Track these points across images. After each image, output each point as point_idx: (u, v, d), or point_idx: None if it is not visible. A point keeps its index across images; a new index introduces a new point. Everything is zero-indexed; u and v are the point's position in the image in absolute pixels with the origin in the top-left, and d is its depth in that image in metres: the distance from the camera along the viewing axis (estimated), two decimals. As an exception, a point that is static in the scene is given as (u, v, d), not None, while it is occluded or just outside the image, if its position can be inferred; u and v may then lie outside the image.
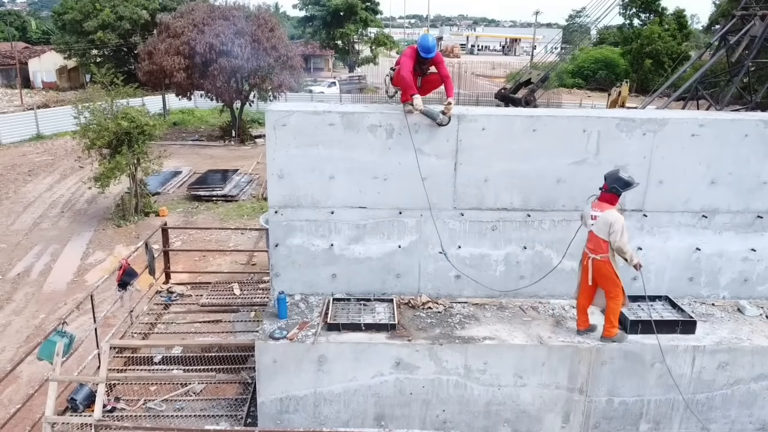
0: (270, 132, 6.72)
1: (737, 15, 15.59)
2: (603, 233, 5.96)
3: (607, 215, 5.95)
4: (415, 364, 6.36)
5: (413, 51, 6.64)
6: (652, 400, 6.52)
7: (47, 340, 6.96)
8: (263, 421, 6.51)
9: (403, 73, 6.48)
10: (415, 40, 78.00)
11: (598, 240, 6.04)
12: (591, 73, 60.16)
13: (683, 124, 6.78)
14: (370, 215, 7.02)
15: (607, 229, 5.92)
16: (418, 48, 6.59)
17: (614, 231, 5.87)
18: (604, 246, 6.01)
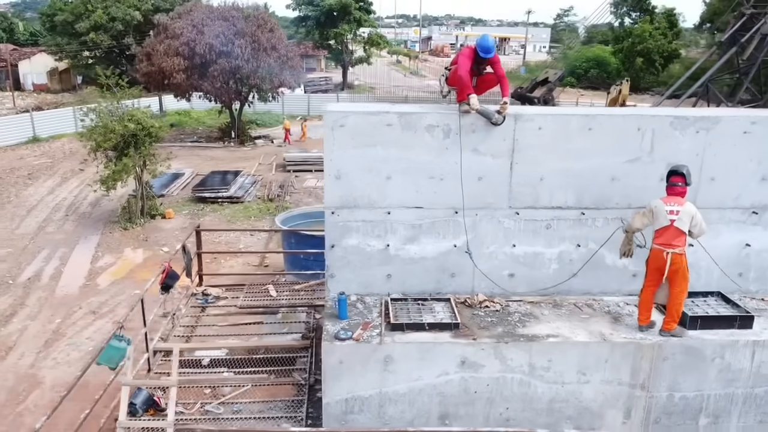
0: (328, 133, 6.73)
1: (747, 13, 15.81)
2: (685, 226, 6.12)
3: (688, 208, 6.16)
4: (480, 363, 6.40)
5: (471, 51, 6.68)
6: (711, 394, 6.61)
7: (108, 345, 6.91)
8: (328, 421, 6.52)
9: (461, 73, 6.53)
10: (404, 40, 78.59)
11: (679, 233, 6.18)
12: (583, 72, 60.62)
13: (735, 122, 6.89)
14: (426, 215, 7.05)
15: (689, 221, 6.08)
16: (477, 48, 6.63)
17: (698, 221, 6.14)
18: (684, 239, 6.15)
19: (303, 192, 26.44)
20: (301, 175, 28.85)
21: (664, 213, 6.23)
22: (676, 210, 6.20)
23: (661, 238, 6.29)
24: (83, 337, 14.39)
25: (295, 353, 8.35)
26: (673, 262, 6.18)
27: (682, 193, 6.25)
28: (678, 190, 6.30)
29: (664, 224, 6.22)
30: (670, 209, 6.22)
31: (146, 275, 17.95)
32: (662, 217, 6.25)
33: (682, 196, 6.25)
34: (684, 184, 6.25)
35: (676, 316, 6.41)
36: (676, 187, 6.28)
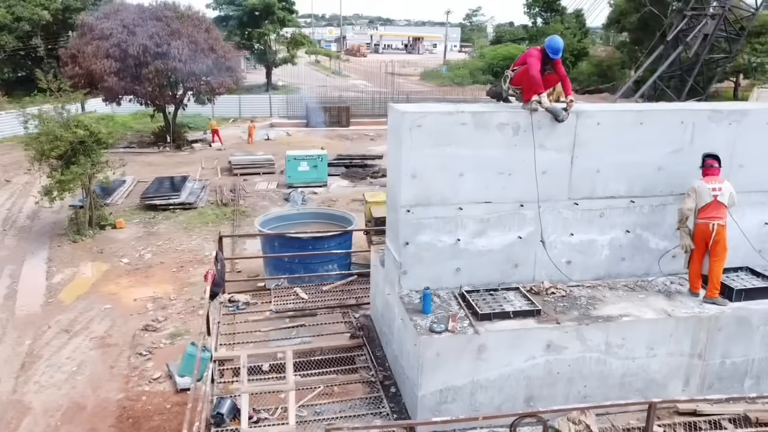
0: (405, 133, 6.90)
1: (688, 15, 17.35)
2: (726, 200, 7.12)
3: (727, 185, 7.21)
4: (564, 345, 6.82)
5: (540, 52, 7.11)
6: (756, 358, 7.40)
7: (188, 355, 6.72)
8: (422, 413, 6.71)
9: (533, 73, 6.97)
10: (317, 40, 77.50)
11: (721, 207, 7.15)
12: (500, 70, 62.96)
13: (761, 115, 7.73)
14: (494, 209, 7.39)
15: (728, 195, 7.13)
16: (546, 49, 7.05)
17: (734, 195, 7.24)
18: (725, 212, 7.13)
19: (256, 195, 26.02)
20: (249, 178, 28.35)
21: (708, 191, 7.17)
22: (717, 187, 7.20)
23: (705, 213, 7.19)
24: (62, 357, 13.64)
25: (351, 352, 8.44)
26: (717, 233, 7.13)
27: (719, 172, 7.24)
28: (715, 170, 7.27)
29: (708, 201, 7.16)
30: (712, 187, 7.20)
31: (112, 289, 17.16)
32: (706, 194, 7.17)
33: (714, 174, 7.25)
34: (716, 162, 7.25)
35: (717, 285, 7.27)
36: (713, 168, 7.25)
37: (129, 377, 13.04)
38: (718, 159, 7.27)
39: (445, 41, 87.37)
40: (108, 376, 13.02)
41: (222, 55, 31.07)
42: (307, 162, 26.76)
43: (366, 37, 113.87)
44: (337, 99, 42.43)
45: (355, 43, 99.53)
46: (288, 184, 26.67)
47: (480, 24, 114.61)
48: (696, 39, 16.43)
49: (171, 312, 15.97)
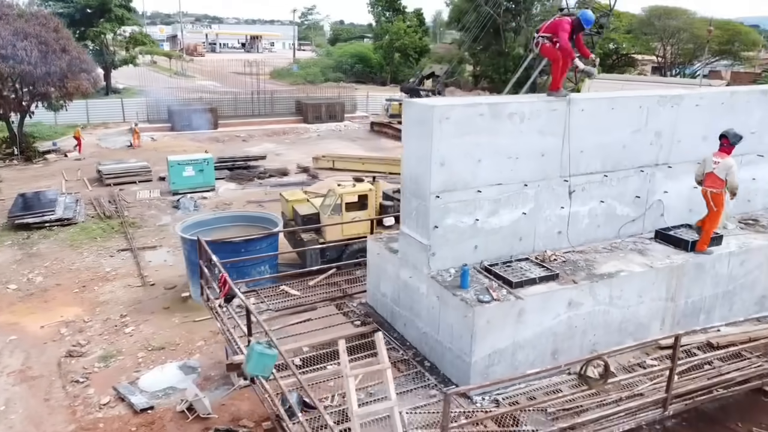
0: (435, 125, 7.51)
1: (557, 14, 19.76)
2: (722, 174, 8.48)
3: (727, 161, 8.52)
4: (580, 302, 7.93)
5: (569, 24, 8.15)
6: (707, 296, 9.14)
7: (256, 354, 6.73)
8: (474, 377, 7.41)
9: (564, 44, 8.03)
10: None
11: (716, 178, 8.59)
12: (349, 67, 64.69)
13: (692, 99, 9.48)
14: (504, 190, 8.29)
15: (725, 170, 8.45)
16: (581, 19, 8.16)
17: (732, 172, 8.49)
18: (720, 183, 8.51)
19: (140, 205, 24.54)
20: (126, 187, 26.53)
21: (711, 162, 8.69)
22: (717, 161, 8.65)
23: (707, 181, 8.72)
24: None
25: (368, 338, 8.86)
26: (712, 198, 8.62)
27: (726, 150, 8.68)
28: (722, 148, 8.72)
29: (708, 170, 8.71)
30: (715, 160, 8.67)
31: (9, 318, 15.57)
32: (708, 165, 8.72)
33: (727, 152, 8.68)
34: (727, 144, 8.66)
35: (707, 239, 8.91)
36: (721, 145, 8.73)
37: (73, 407, 12.09)
38: (728, 137, 8.67)
39: (294, 40, 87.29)
40: (47, 410, 11.96)
41: (76, 56, 28.53)
42: (192, 166, 25.75)
43: (201, 35, 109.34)
44: (200, 101, 40.80)
45: (191, 42, 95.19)
46: (173, 191, 25.48)
47: (316, 22, 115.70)
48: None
49: (91, 335, 14.89)
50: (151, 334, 14.65)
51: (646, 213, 9.60)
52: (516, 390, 7.56)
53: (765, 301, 9.85)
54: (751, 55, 55.39)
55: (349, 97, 45.78)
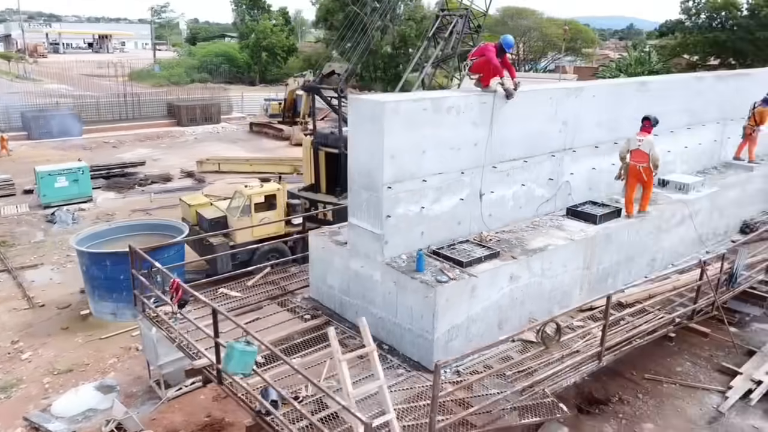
0: (386, 120, 7.96)
1: (441, 15, 20.91)
2: (646, 149, 10.30)
3: (650, 138, 10.41)
4: (519, 275, 8.80)
5: (495, 47, 9.06)
6: (612, 262, 10.46)
7: (236, 352, 6.75)
8: (437, 353, 7.98)
9: (495, 63, 8.85)
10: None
11: (643, 154, 10.37)
12: (215, 67, 62.77)
13: (590, 90, 10.76)
14: (445, 179, 8.94)
15: (649, 147, 10.11)
16: (502, 44, 9.06)
17: (654, 150, 10.37)
18: (647, 158, 10.30)
19: (7, 222, 22.43)
20: (-17, 203, 23.99)
21: (636, 141, 10.43)
22: (641, 139, 10.40)
23: (633, 158, 10.30)
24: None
25: (321, 330, 9.14)
26: (644, 172, 10.43)
27: (647, 129, 10.39)
28: (644, 128, 10.44)
29: (634, 147, 10.46)
30: (639, 138, 10.42)
31: None
32: (633, 143, 10.32)
33: (648, 132, 10.39)
34: (649, 125, 10.38)
35: (646, 205, 10.78)
36: (643, 126, 10.43)
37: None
38: (650, 119, 10.38)
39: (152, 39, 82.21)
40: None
41: None
42: (65, 177, 23.92)
43: (39, 35, 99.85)
44: (57, 106, 37.59)
45: (29, 42, 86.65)
46: (44, 204, 23.53)
47: (170, 20, 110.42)
48: (452, 36, 20.07)
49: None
50: (53, 358, 13.67)
51: (557, 193, 10.75)
52: (473, 360, 8.23)
53: (654, 263, 11.43)
54: (590, 51, 61.67)
55: (224, 98, 44.58)
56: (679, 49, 53.61)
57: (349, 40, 51.59)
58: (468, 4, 20.26)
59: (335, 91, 17.22)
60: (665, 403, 11.41)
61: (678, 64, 54.49)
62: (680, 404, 11.39)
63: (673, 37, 56.18)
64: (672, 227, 11.47)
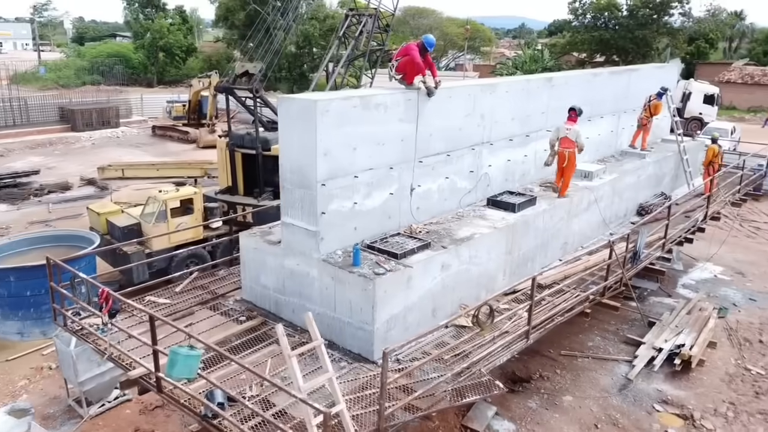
0: (318, 118, 8.09)
1: (350, 15, 21.12)
2: (573, 136, 11.54)
3: (576, 127, 11.67)
4: (450, 263, 9.22)
5: (417, 46, 9.36)
6: (530, 247, 11.15)
7: (179, 356, 6.64)
8: (377, 344, 8.22)
9: (417, 61, 9.13)
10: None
11: (570, 141, 11.59)
12: (108, 69, 59.60)
13: (503, 86, 11.39)
14: (375, 174, 9.19)
15: (575, 135, 11.13)
16: (425, 44, 9.36)
17: (580, 135, 11.61)
18: (573, 145, 11.51)
19: None
20: None
21: (564, 129, 11.70)
22: (569, 128, 11.64)
23: (562, 144, 11.32)
24: None
25: (260, 330, 9.14)
26: (568, 158, 11.61)
27: (573, 119, 11.62)
28: (571, 118, 11.70)
29: (562, 135, 11.69)
30: (567, 127, 11.67)
31: None
32: (562, 131, 11.70)
33: (574, 121, 11.62)
34: (575, 115, 11.64)
35: (566, 189, 11.90)
36: (570, 116, 11.70)
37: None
38: (576, 110, 11.62)
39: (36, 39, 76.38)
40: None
41: None
42: (-51, 190, 22.00)
43: None
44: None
45: None
46: (-77, 222, 21.53)
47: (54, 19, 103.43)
48: (362, 35, 20.35)
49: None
50: (-46, 385, 12.66)
51: (478, 185, 11.30)
52: (411, 348, 8.54)
53: (566, 246, 12.28)
54: (488, 50, 64.25)
55: (122, 101, 42.45)
56: (569, 47, 57.16)
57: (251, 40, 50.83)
58: (376, 4, 20.61)
59: (250, 91, 17.02)
60: (581, 376, 12.31)
61: (568, 61, 58.13)
62: (594, 376, 12.34)
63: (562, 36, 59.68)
64: (581, 212, 12.38)
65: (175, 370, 6.70)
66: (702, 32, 61.07)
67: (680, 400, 11.48)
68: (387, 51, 27.44)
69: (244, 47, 55.95)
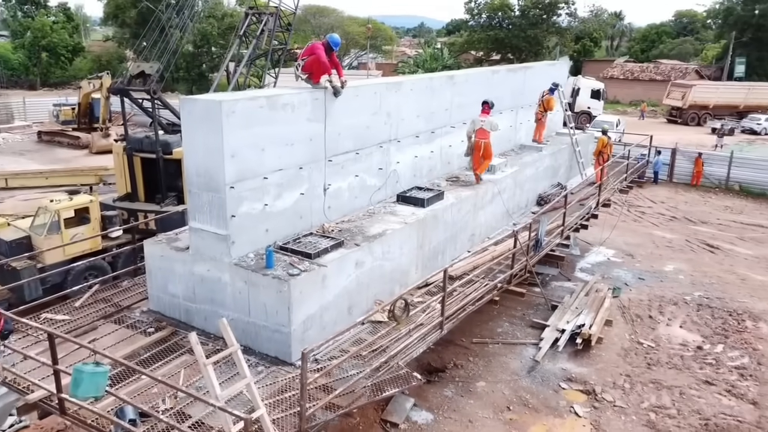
0: (224, 120, 7.90)
1: (250, 14, 20.66)
2: (488, 127, 12.44)
3: (491, 118, 12.71)
4: (364, 260, 9.30)
5: (323, 45, 9.34)
6: (440, 240, 11.47)
7: (85, 374, 6.27)
8: (295, 345, 8.17)
9: (323, 60, 9.09)
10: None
11: (485, 131, 12.49)
12: (-20, 72, 54.94)
13: (407, 85, 11.61)
14: (285, 175, 9.11)
15: (489, 125, 11.90)
16: (330, 43, 9.34)
17: (495, 125, 12.62)
18: (488, 135, 12.46)
19: None
20: None
21: (479, 121, 12.55)
22: (483, 120, 12.55)
23: (478, 135, 11.97)
24: None
25: (171, 339, 8.83)
26: (484, 147, 12.47)
27: (487, 111, 12.58)
28: (485, 110, 12.63)
29: (478, 127, 12.53)
30: (482, 119, 12.54)
31: None
32: (477, 123, 12.54)
33: (487, 113, 12.58)
34: (488, 108, 12.60)
35: (483, 170, 12.87)
36: (484, 109, 12.60)
37: None
38: (488, 103, 12.56)
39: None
40: None
41: None
42: None
43: None
44: None
45: None
46: None
47: None
48: (263, 34, 19.98)
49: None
50: None
51: (387, 181, 11.46)
52: (329, 347, 8.55)
53: (474, 238, 12.74)
54: (389, 48, 65.11)
55: (2, 105, 39.24)
56: (467, 46, 59.10)
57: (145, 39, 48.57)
58: (277, 3, 20.34)
59: (147, 93, 16.29)
60: (492, 361, 12.82)
61: (467, 60, 60.10)
62: (504, 360, 12.89)
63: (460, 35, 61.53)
64: (486, 204, 12.87)
65: (80, 390, 6.33)
66: (587, 31, 65.23)
67: (583, 376, 12.23)
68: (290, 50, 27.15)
69: (138, 46, 53.45)
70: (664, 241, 20.96)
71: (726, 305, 15.67)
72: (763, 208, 25.99)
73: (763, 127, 43.29)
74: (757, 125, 43.45)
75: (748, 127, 43.85)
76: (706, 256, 19.72)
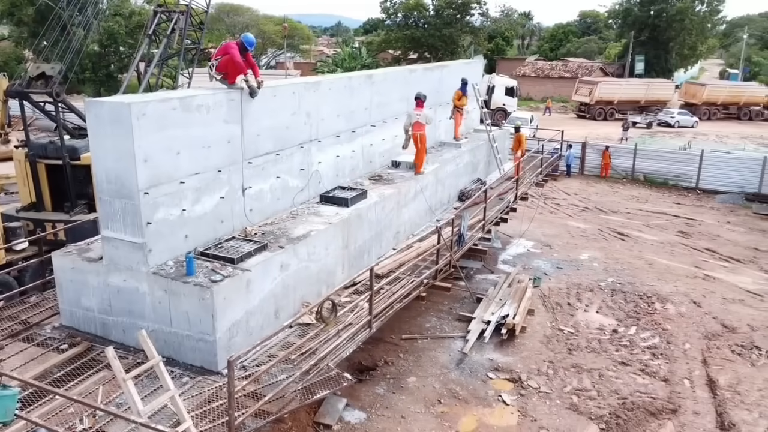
0: (134, 122, 7.54)
1: (159, 11, 19.82)
2: (423, 120, 13.09)
3: (426, 111, 13.31)
4: (289, 263, 9.16)
5: (237, 45, 9.09)
6: (365, 239, 11.48)
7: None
8: (220, 353, 7.93)
9: (237, 60, 8.80)
10: None
11: (421, 124, 13.13)
12: None
13: (326, 84, 11.52)
14: (203, 178, 8.81)
15: (425, 118, 13.14)
16: (244, 42, 9.10)
17: (430, 118, 13.39)
18: (423, 128, 13.12)
19: None
20: None
21: (414, 115, 13.17)
22: (418, 114, 13.15)
23: (414, 128, 13.11)
24: None
25: (88, 355, 8.36)
26: (420, 139, 13.15)
27: (421, 105, 13.17)
28: (418, 105, 13.21)
29: (413, 120, 13.15)
30: (417, 113, 13.15)
31: None
32: (413, 117, 13.16)
33: (421, 107, 13.15)
34: (421, 102, 13.16)
35: (420, 167, 13.41)
36: (417, 104, 13.20)
37: None
38: (421, 98, 13.14)
39: None
40: None
41: None
42: None
43: None
44: None
45: None
46: None
47: None
48: (174, 33, 19.24)
49: None
50: None
51: (309, 182, 11.34)
52: (256, 353, 8.36)
53: (398, 235, 12.84)
54: (307, 47, 64.59)
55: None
56: (384, 45, 59.56)
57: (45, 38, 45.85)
58: (188, 1, 19.67)
59: (50, 95, 15.32)
60: (422, 356, 12.98)
61: (384, 59, 60.56)
62: (434, 354, 13.08)
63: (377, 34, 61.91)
64: (409, 202, 13.00)
65: (-11, 416, 5.87)
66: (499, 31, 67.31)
67: (509, 365, 12.60)
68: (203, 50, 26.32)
69: (37, 46, 50.27)
70: (578, 231, 21.96)
71: (637, 289, 16.61)
72: (665, 196, 27.78)
73: (676, 120, 47.05)
74: (671, 119, 47.18)
75: (663, 120, 47.50)
76: (617, 243, 20.84)
